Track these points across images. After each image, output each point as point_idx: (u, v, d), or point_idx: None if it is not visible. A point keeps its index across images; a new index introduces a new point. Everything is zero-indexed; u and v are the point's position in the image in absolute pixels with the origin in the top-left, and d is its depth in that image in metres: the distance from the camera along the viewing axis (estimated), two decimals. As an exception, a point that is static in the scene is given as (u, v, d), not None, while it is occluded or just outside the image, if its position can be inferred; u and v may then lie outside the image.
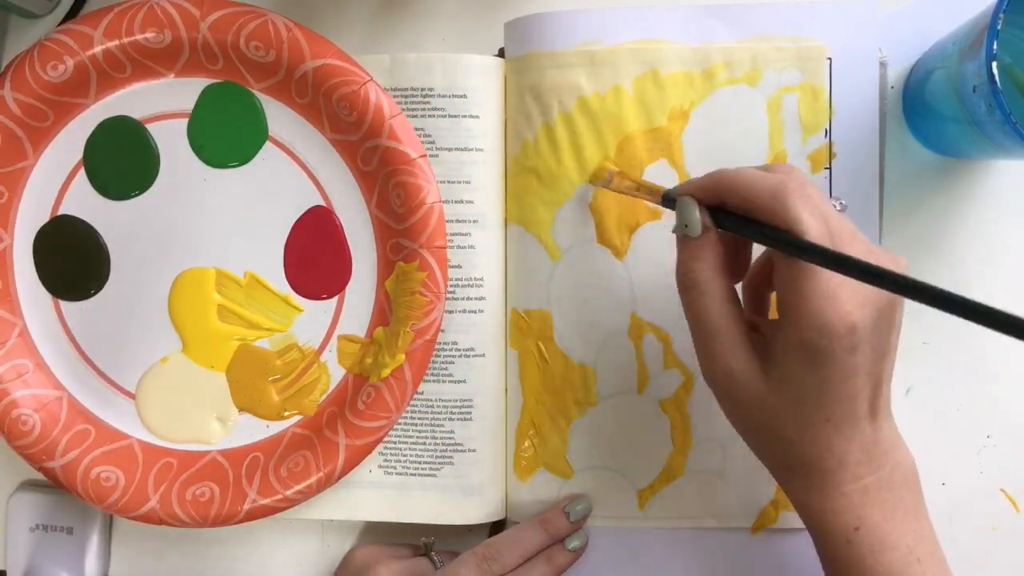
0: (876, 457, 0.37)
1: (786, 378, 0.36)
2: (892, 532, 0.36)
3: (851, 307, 0.34)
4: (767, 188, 0.35)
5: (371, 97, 0.47)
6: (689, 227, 0.37)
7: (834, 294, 0.34)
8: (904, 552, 0.36)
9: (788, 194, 0.34)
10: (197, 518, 0.47)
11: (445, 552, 0.48)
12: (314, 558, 0.52)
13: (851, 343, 0.34)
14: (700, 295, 0.37)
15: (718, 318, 0.37)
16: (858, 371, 0.35)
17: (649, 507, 0.48)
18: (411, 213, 0.47)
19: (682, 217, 0.38)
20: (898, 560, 0.36)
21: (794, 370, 0.35)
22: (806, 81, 0.46)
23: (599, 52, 0.47)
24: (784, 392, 0.36)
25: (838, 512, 0.36)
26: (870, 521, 0.36)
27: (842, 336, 0.34)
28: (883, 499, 0.36)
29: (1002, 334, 0.28)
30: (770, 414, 0.37)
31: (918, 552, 0.36)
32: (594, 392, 0.48)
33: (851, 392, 0.35)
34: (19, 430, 0.47)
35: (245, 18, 0.47)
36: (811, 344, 0.34)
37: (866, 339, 0.34)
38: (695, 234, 0.37)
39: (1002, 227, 0.48)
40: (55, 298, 0.50)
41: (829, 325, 0.34)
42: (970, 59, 0.39)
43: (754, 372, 0.36)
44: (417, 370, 0.47)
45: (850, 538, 0.36)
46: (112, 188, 0.49)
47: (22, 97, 0.47)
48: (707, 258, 0.37)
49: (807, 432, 0.36)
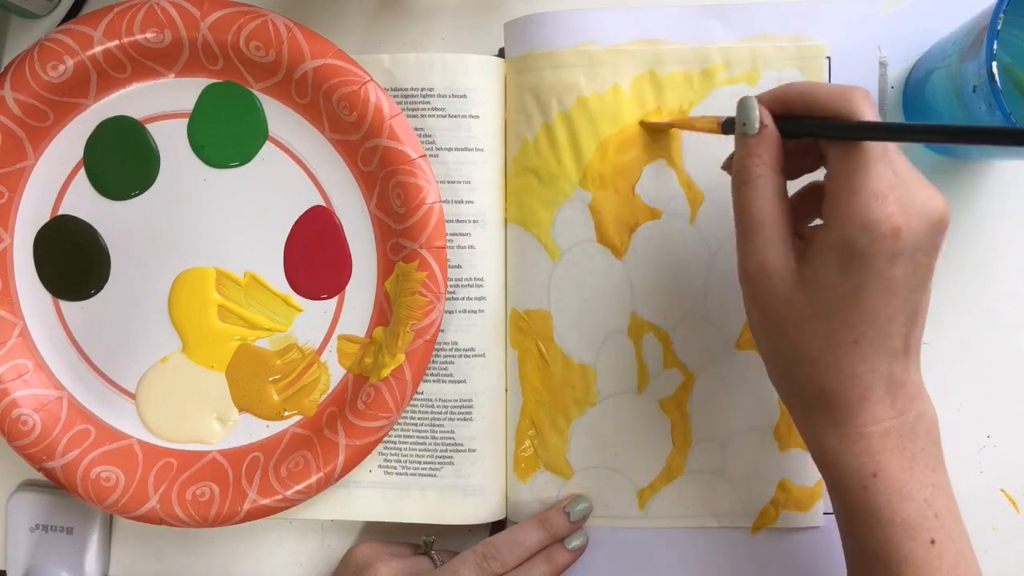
0: (901, 400, 0.35)
1: (819, 279, 0.35)
2: (911, 482, 0.35)
3: (898, 210, 0.33)
4: (836, 92, 0.35)
5: (371, 97, 0.47)
6: (747, 125, 0.37)
7: (884, 194, 0.33)
8: (921, 504, 0.35)
9: (856, 97, 0.35)
10: (197, 518, 0.47)
11: (445, 551, 0.48)
12: (314, 558, 0.52)
13: (893, 249, 0.33)
14: (751, 188, 0.37)
15: (764, 210, 0.36)
16: (894, 288, 0.34)
17: (649, 507, 0.48)
18: (411, 213, 0.47)
19: (741, 116, 0.37)
20: (915, 512, 0.35)
21: (828, 272, 0.34)
22: (805, 81, 0.46)
23: (598, 52, 0.47)
24: (815, 296, 0.35)
25: (856, 455, 0.35)
26: (889, 468, 0.35)
27: (885, 237, 0.33)
28: (903, 447, 0.35)
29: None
30: (796, 323, 0.36)
31: (936, 506, 0.35)
32: (594, 392, 0.48)
33: (883, 314, 0.34)
34: (19, 430, 0.47)
35: (245, 18, 0.47)
36: (851, 242, 0.33)
37: (908, 251, 0.33)
38: (752, 131, 0.37)
39: (1002, 227, 0.48)
40: (55, 298, 0.50)
41: (874, 223, 0.33)
42: (970, 59, 0.39)
43: (788, 270, 0.36)
44: (417, 371, 0.47)
45: (867, 484, 0.35)
46: (112, 188, 0.49)
47: (22, 97, 0.47)
48: (762, 154, 0.37)
49: (830, 352, 0.35)
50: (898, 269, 0.34)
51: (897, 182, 0.34)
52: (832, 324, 0.35)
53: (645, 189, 0.47)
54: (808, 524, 0.47)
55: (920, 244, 0.34)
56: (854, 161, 0.34)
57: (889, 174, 0.33)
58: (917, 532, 0.35)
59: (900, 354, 0.35)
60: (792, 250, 0.36)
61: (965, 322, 0.48)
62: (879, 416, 0.35)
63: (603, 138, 0.47)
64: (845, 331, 0.35)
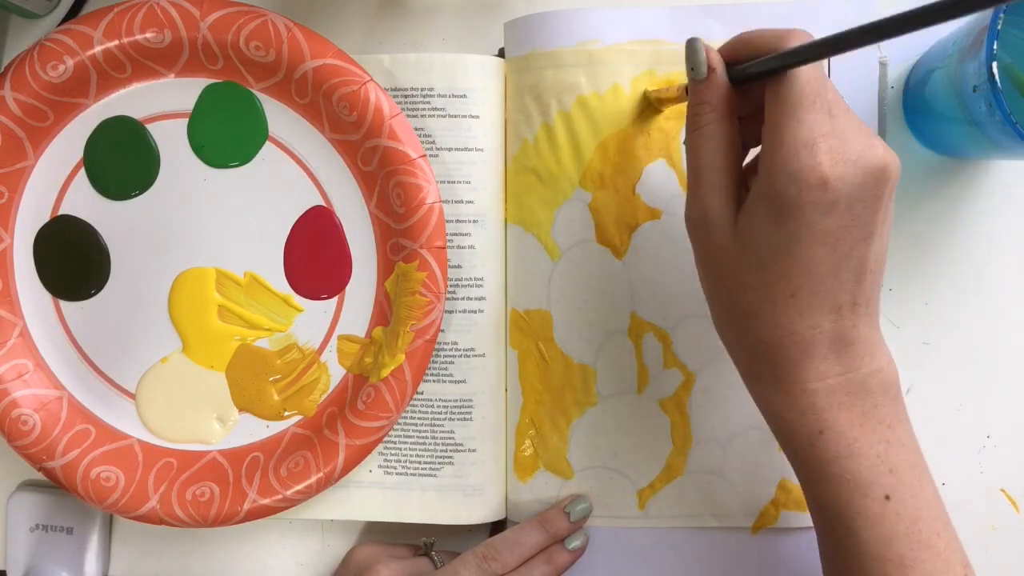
0: (848, 357, 0.35)
1: (751, 230, 0.34)
2: (860, 439, 0.34)
3: (827, 159, 0.32)
4: (774, 34, 0.35)
5: (371, 97, 0.47)
6: (696, 70, 0.36)
7: (812, 142, 0.32)
8: (873, 460, 0.34)
9: (791, 37, 0.34)
10: (197, 518, 0.47)
11: (445, 552, 0.48)
12: (314, 558, 0.52)
13: (824, 200, 0.32)
14: (699, 135, 0.36)
15: (710, 157, 0.36)
16: (830, 240, 0.33)
17: (649, 507, 0.48)
18: (411, 213, 0.47)
19: (689, 61, 0.37)
20: (866, 468, 0.34)
21: (761, 222, 0.34)
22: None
23: (598, 52, 0.47)
24: (749, 247, 0.34)
25: (801, 412, 0.35)
26: (836, 425, 0.34)
27: (812, 188, 0.32)
28: (852, 404, 0.35)
29: None
30: (735, 273, 0.35)
31: (891, 462, 0.34)
32: (594, 392, 0.48)
33: (821, 267, 0.33)
34: (19, 430, 0.47)
35: (245, 18, 0.47)
36: (779, 192, 0.33)
37: (843, 203, 0.32)
38: (701, 75, 0.36)
39: (1002, 227, 0.48)
40: (55, 298, 0.50)
41: (800, 172, 0.32)
42: (970, 59, 0.39)
43: (728, 219, 0.35)
44: (417, 371, 0.47)
45: (814, 441, 0.35)
46: (112, 188, 0.49)
47: (22, 97, 0.47)
48: (711, 100, 0.36)
49: (767, 306, 0.34)
50: (832, 220, 0.33)
51: (832, 131, 0.33)
52: (768, 276, 0.34)
53: (645, 189, 0.47)
54: (808, 524, 0.47)
55: (857, 195, 0.33)
56: (784, 109, 0.33)
57: (821, 122, 0.33)
58: (870, 488, 0.34)
59: (847, 309, 0.34)
60: (735, 199, 0.36)
61: (965, 322, 0.48)
62: (822, 373, 0.34)
63: (603, 138, 0.47)
64: (781, 284, 0.34)
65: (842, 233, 0.33)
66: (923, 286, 0.48)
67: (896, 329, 0.48)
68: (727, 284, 0.36)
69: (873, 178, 0.33)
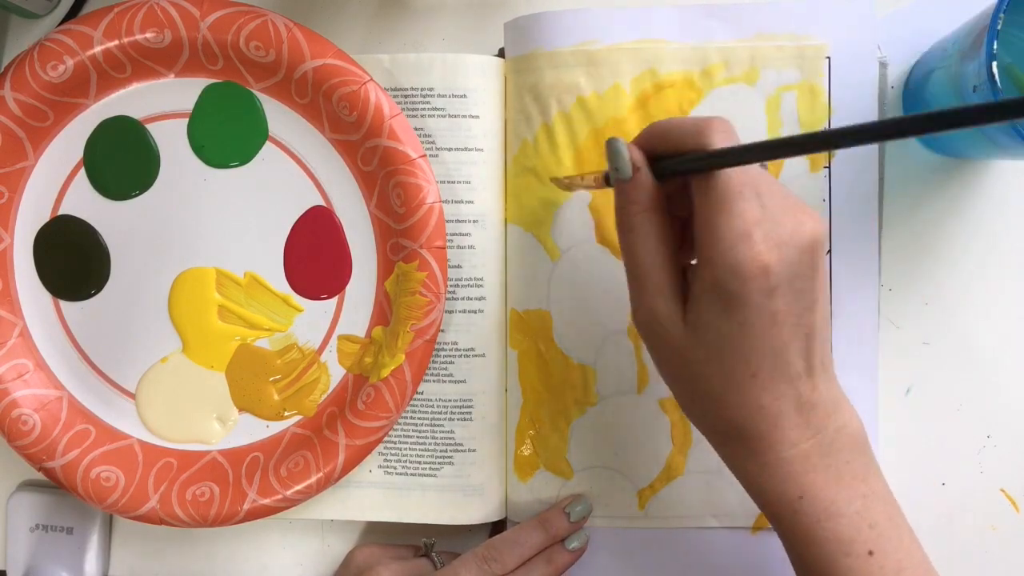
0: (815, 419, 0.35)
1: (703, 324, 0.34)
2: (838, 498, 0.35)
3: (764, 247, 0.33)
4: (691, 127, 0.35)
5: (371, 97, 0.47)
6: (620, 170, 0.36)
7: (748, 233, 0.33)
8: (853, 518, 0.35)
9: (709, 130, 0.34)
10: (197, 518, 0.47)
11: (445, 552, 0.48)
12: (314, 558, 0.52)
13: (766, 286, 0.33)
14: (633, 236, 0.36)
15: (648, 258, 0.36)
16: (780, 319, 0.33)
17: (649, 507, 0.48)
18: (411, 213, 0.47)
19: (612, 161, 0.37)
20: (847, 527, 0.35)
21: (711, 316, 0.34)
22: (805, 80, 0.46)
23: (598, 52, 0.47)
24: (703, 341, 0.35)
25: (780, 481, 0.35)
26: (814, 488, 0.35)
27: (755, 277, 0.33)
28: (826, 465, 0.35)
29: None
30: (693, 366, 0.35)
31: (870, 516, 0.35)
32: (594, 392, 0.48)
33: (776, 343, 0.34)
34: (19, 430, 0.47)
35: (245, 18, 0.47)
36: (724, 285, 0.33)
37: (784, 283, 0.33)
38: (626, 176, 0.36)
39: (1002, 227, 0.48)
40: (55, 298, 0.50)
41: (742, 264, 0.33)
42: (970, 59, 0.39)
43: (677, 316, 0.35)
44: (417, 371, 0.47)
45: (795, 508, 0.35)
46: (112, 188, 0.49)
47: (22, 97, 0.47)
48: (639, 200, 0.36)
49: (732, 389, 0.35)
50: (778, 302, 0.33)
51: (763, 215, 0.33)
52: (727, 364, 0.34)
53: (645, 189, 0.47)
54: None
55: (796, 271, 0.33)
56: (714, 202, 0.34)
57: (752, 209, 0.33)
58: (852, 546, 0.35)
59: (804, 376, 0.35)
60: (679, 295, 0.36)
61: (965, 322, 0.48)
62: (794, 439, 0.35)
63: (603, 138, 0.47)
64: (741, 367, 0.34)
65: (789, 309, 0.34)
66: (923, 286, 0.48)
67: (896, 329, 0.48)
68: (687, 376, 0.36)
69: (808, 252, 0.34)
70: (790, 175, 0.47)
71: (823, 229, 0.34)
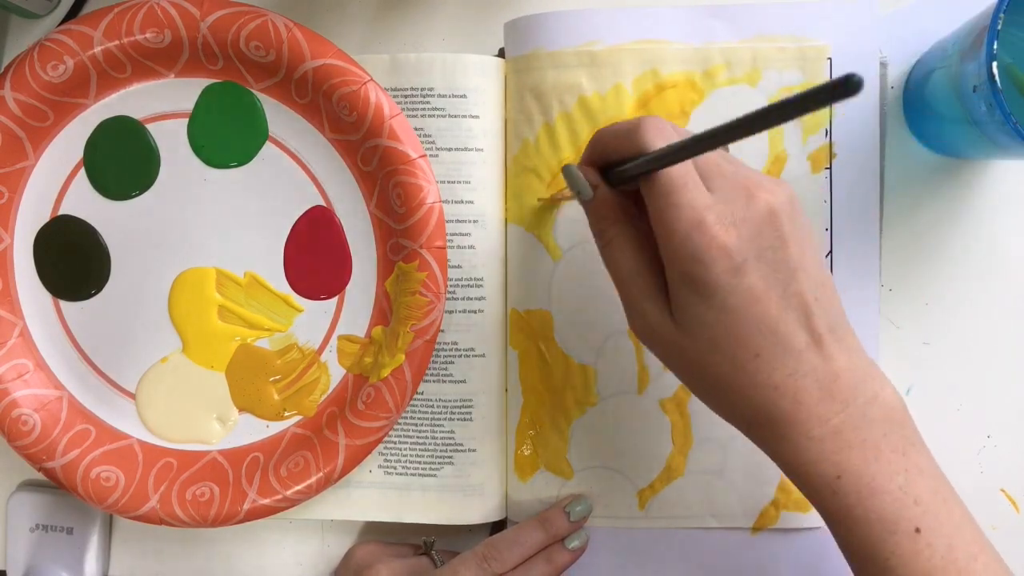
0: (840, 392, 0.34)
1: (688, 318, 0.34)
2: (879, 474, 0.33)
3: (718, 229, 0.33)
4: (624, 130, 0.35)
5: (371, 97, 0.47)
6: (581, 192, 0.37)
7: (699, 220, 0.33)
8: (897, 494, 0.33)
9: (640, 129, 0.35)
10: (197, 518, 0.47)
11: (445, 551, 0.48)
12: (314, 558, 0.52)
13: (731, 265, 0.33)
14: (610, 250, 0.37)
15: (628, 267, 0.36)
16: (759, 296, 0.33)
17: (649, 507, 0.48)
18: (411, 213, 0.47)
19: (572, 186, 0.37)
20: (891, 504, 0.33)
21: (691, 308, 0.34)
22: (807, 81, 0.47)
23: (600, 52, 0.47)
24: (694, 333, 0.34)
25: (815, 462, 0.34)
26: (851, 466, 0.34)
27: (717, 260, 0.33)
28: (862, 440, 0.34)
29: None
30: (696, 360, 0.35)
31: (915, 491, 0.34)
32: (594, 392, 0.48)
33: (767, 319, 0.33)
34: (19, 430, 0.47)
35: (245, 18, 0.47)
36: (691, 275, 0.33)
37: (751, 258, 0.33)
38: (588, 196, 0.37)
39: (1002, 227, 0.48)
40: (55, 298, 0.50)
41: (699, 251, 0.33)
42: (970, 59, 0.39)
43: (667, 319, 0.35)
44: (417, 371, 0.47)
45: (834, 488, 0.34)
46: (112, 188, 0.49)
47: (22, 97, 0.47)
48: (608, 215, 0.37)
49: (739, 374, 0.34)
50: (751, 278, 0.33)
51: (712, 199, 0.33)
52: (725, 350, 0.34)
53: (646, 189, 0.47)
54: (808, 525, 0.47)
55: (761, 244, 0.33)
56: (660, 200, 0.34)
57: (698, 196, 0.33)
58: (897, 524, 0.33)
59: (812, 347, 0.34)
60: (665, 296, 0.36)
61: (965, 322, 0.48)
62: (822, 416, 0.34)
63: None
64: (741, 351, 0.34)
65: (766, 283, 0.33)
66: (923, 286, 0.48)
67: (896, 329, 0.48)
68: (694, 371, 0.36)
69: (768, 224, 0.33)
70: (791, 176, 0.47)
71: (780, 198, 0.34)
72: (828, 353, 0.34)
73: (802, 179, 0.47)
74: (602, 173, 0.37)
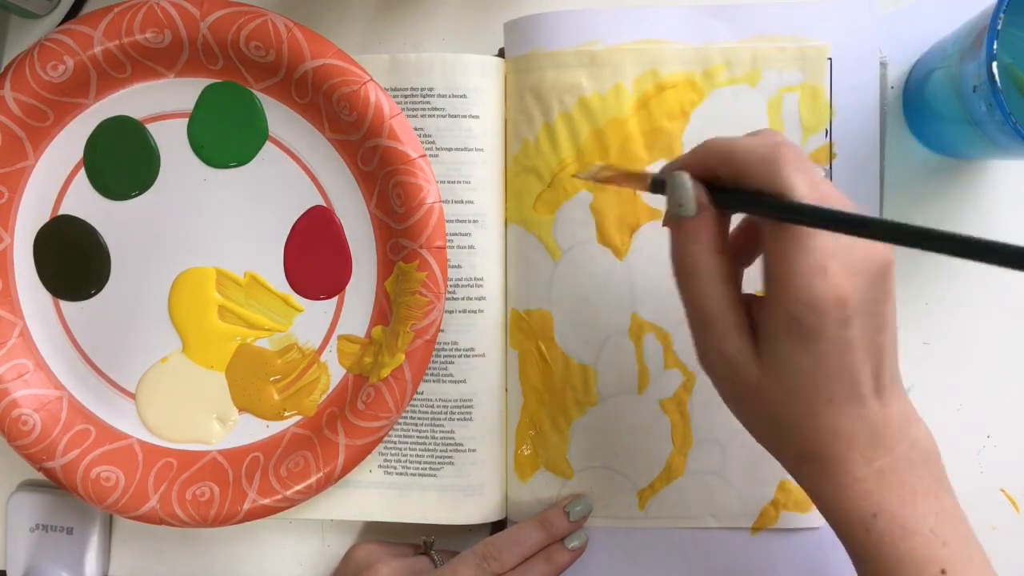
0: (888, 437, 0.34)
1: (779, 362, 0.34)
2: (912, 515, 0.34)
3: (841, 279, 0.32)
4: (760, 156, 0.34)
5: (371, 97, 0.47)
6: (684, 207, 0.35)
7: (823, 267, 0.32)
8: (928, 536, 0.34)
9: (782, 160, 0.33)
10: (197, 518, 0.47)
11: (445, 551, 0.48)
12: (314, 558, 0.52)
13: (842, 317, 0.32)
14: (697, 280, 0.35)
15: (715, 302, 0.35)
16: (854, 346, 0.33)
17: (649, 507, 0.48)
18: (411, 213, 0.47)
19: (675, 196, 0.35)
20: (921, 545, 0.34)
21: (786, 352, 0.34)
22: (807, 82, 0.46)
23: (600, 52, 0.47)
24: (780, 376, 0.34)
25: (854, 500, 0.34)
26: (888, 506, 0.34)
27: (832, 310, 0.32)
28: (900, 481, 0.34)
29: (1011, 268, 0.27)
30: (769, 401, 0.35)
31: (943, 535, 0.34)
32: (594, 392, 0.48)
33: (850, 369, 0.33)
34: (19, 430, 0.47)
35: (245, 18, 0.46)
36: (801, 321, 0.33)
37: (858, 312, 0.33)
38: (690, 213, 0.35)
39: (1002, 227, 0.48)
40: (55, 298, 0.50)
41: (819, 300, 0.32)
42: (970, 59, 0.39)
43: (749, 357, 0.35)
44: (417, 371, 0.47)
45: (869, 526, 0.34)
46: (112, 188, 0.49)
47: (22, 97, 0.47)
48: (704, 240, 0.35)
49: (808, 417, 0.34)
50: (853, 331, 0.33)
51: (837, 246, 0.33)
52: (804, 394, 0.34)
53: (646, 190, 0.47)
54: (808, 525, 0.47)
55: (871, 297, 0.33)
56: (787, 238, 0.33)
57: (827, 244, 0.32)
58: (925, 566, 0.34)
59: (874, 395, 0.34)
60: (749, 333, 0.35)
61: (965, 322, 0.48)
62: (870, 459, 0.34)
63: (605, 138, 0.47)
64: (816, 395, 0.34)
65: (863, 334, 0.33)
66: (923, 286, 0.48)
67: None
68: (762, 411, 0.36)
69: (881, 277, 0.33)
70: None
71: (891, 253, 0.34)
72: (885, 400, 0.34)
73: None
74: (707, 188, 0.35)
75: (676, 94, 0.47)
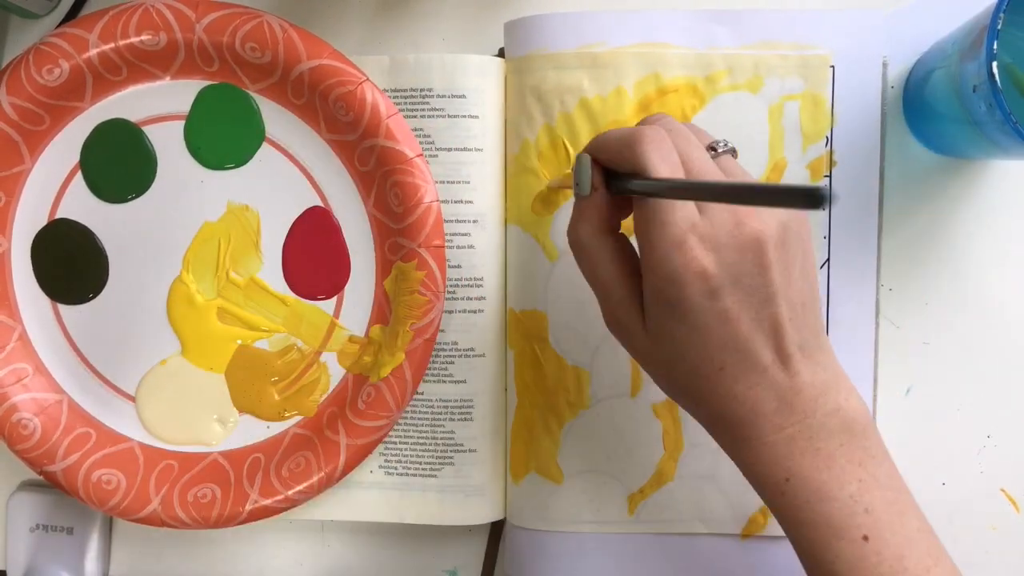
0: (799, 405, 0.35)
1: (660, 331, 0.35)
2: (829, 482, 0.35)
3: (698, 252, 0.33)
4: (623, 139, 0.35)
5: (367, 97, 0.46)
6: (580, 186, 0.37)
7: (681, 240, 0.33)
8: (847, 502, 0.34)
9: (638, 141, 0.34)
10: (199, 519, 0.47)
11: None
12: (314, 558, 0.52)
13: (706, 288, 0.33)
14: (587, 255, 0.37)
15: (605, 273, 0.37)
16: (731, 317, 0.34)
17: (639, 512, 0.48)
18: (409, 212, 0.47)
19: (576, 176, 0.37)
20: (838, 510, 0.34)
21: (662, 322, 0.35)
22: (808, 90, 0.46)
23: (602, 54, 0.47)
24: (663, 345, 0.35)
25: (766, 464, 0.35)
26: (800, 471, 0.35)
27: (692, 282, 0.33)
28: (815, 448, 0.35)
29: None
30: (663, 366, 0.36)
31: (866, 501, 0.34)
32: (587, 395, 0.48)
33: (736, 339, 0.34)
34: (19, 434, 0.48)
35: (240, 19, 0.46)
36: (665, 293, 0.34)
37: (727, 283, 0.33)
38: (584, 192, 0.37)
39: (1002, 227, 0.48)
40: (54, 302, 0.50)
41: (676, 272, 0.33)
42: (970, 59, 0.39)
43: (639, 325, 0.36)
44: (417, 369, 0.47)
45: (783, 490, 0.35)
46: (109, 191, 0.49)
47: (18, 101, 0.47)
48: (591, 219, 0.37)
49: (703, 381, 0.35)
50: (724, 301, 0.33)
51: (700, 220, 0.33)
52: (691, 361, 0.35)
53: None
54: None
55: (739, 271, 0.33)
56: (649, 212, 0.34)
57: (686, 217, 0.33)
58: (845, 531, 0.34)
59: (776, 365, 0.35)
60: (639, 304, 0.36)
61: (965, 322, 0.48)
62: (778, 425, 0.35)
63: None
64: (706, 364, 0.35)
65: (740, 306, 0.34)
66: (923, 286, 0.48)
67: (896, 329, 0.48)
68: (662, 375, 0.37)
69: (750, 251, 0.33)
70: (792, 180, 0.47)
71: (770, 225, 0.34)
72: (794, 370, 0.35)
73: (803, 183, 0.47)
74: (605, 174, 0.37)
75: (677, 98, 0.47)
